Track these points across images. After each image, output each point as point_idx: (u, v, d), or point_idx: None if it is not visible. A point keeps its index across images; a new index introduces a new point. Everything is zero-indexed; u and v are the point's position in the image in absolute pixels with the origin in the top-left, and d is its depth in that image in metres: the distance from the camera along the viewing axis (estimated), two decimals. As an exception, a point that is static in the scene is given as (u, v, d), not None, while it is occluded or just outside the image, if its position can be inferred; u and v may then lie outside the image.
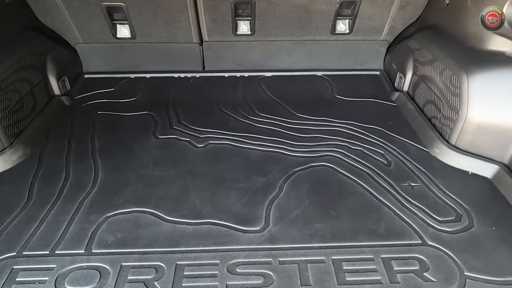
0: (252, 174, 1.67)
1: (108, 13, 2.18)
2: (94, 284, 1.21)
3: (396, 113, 2.11)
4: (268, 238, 1.37)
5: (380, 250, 1.33)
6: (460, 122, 1.70)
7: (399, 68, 2.28)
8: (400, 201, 1.53)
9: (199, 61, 2.46)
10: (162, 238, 1.37)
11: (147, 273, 1.25)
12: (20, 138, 1.79)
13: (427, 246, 1.35)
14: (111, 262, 1.28)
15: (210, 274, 1.25)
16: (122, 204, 1.51)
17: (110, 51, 2.41)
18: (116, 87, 2.34)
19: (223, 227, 1.42)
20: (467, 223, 1.43)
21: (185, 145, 1.86)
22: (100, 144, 1.86)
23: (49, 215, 1.46)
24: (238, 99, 2.23)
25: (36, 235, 1.37)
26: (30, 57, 1.99)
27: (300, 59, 2.47)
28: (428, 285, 1.22)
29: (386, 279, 1.23)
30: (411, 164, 1.73)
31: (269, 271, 1.26)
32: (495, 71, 1.62)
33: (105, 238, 1.37)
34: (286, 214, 1.47)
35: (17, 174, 1.66)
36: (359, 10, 2.22)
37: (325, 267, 1.27)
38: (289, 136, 1.91)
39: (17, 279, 1.22)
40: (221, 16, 2.25)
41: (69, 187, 1.59)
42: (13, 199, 1.52)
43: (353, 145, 1.85)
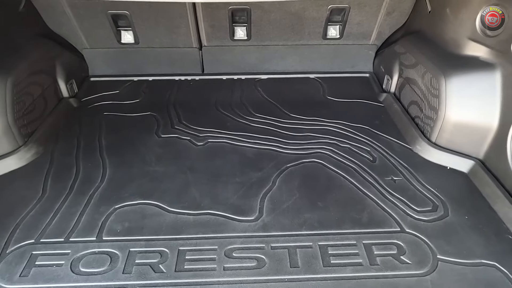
0: (248, 169, 1.81)
1: (113, 20, 2.32)
2: (105, 267, 1.35)
3: (383, 113, 2.25)
4: (261, 227, 1.52)
5: (362, 236, 1.47)
6: (439, 121, 1.84)
7: (387, 71, 2.43)
8: (382, 194, 1.67)
9: (198, 64, 2.60)
10: (166, 227, 1.51)
11: (153, 257, 1.39)
12: (33, 137, 1.92)
13: (405, 233, 1.49)
14: (120, 248, 1.42)
15: (209, 258, 1.39)
16: (128, 197, 1.65)
17: (115, 56, 2.54)
18: (121, 89, 2.47)
19: (221, 217, 1.56)
20: (442, 213, 1.58)
21: (186, 143, 2.00)
22: (106, 142, 1.99)
23: (62, 207, 1.59)
24: (235, 100, 2.37)
25: (52, 224, 1.51)
26: (41, 62, 2.13)
27: (293, 63, 2.62)
28: (403, 266, 1.36)
29: (366, 261, 1.37)
30: (394, 160, 1.87)
31: (262, 255, 1.40)
32: (470, 75, 1.76)
33: (114, 227, 1.51)
34: (278, 206, 1.61)
35: (32, 170, 1.79)
36: (348, 17, 2.37)
37: (312, 251, 1.41)
38: (283, 135, 2.05)
39: (36, 263, 1.36)
40: (219, 23, 2.39)
41: (80, 182, 1.73)
42: (29, 193, 1.66)
43: (341, 143, 1.99)
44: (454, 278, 1.32)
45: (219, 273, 1.33)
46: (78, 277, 1.32)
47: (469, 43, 1.81)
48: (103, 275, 1.32)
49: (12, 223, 1.51)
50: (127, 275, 1.32)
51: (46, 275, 1.32)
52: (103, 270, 1.34)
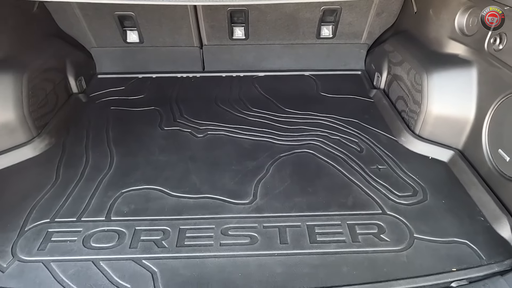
0: (244, 159, 1.95)
1: (120, 21, 2.48)
2: (114, 242, 1.50)
3: (373, 108, 2.39)
4: (255, 209, 1.66)
5: (346, 218, 1.61)
6: (422, 114, 1.98)
7: (377, 68, 2.57)
8: (367, 180, 1.81)
9: (199, 62, 2.75)
10: (168, 209, 1.66)
11: (156, 235, 1.54)
12: (46, 129, 2.07)
13: (386, 215, 1.62)
14: (126, 226, 1.57)
15: (207, 235, 1.53)
16: (134, 183, 1.80)
17: (121, 54, 2.70)
18: (126, 86, 2.63)
19: (218, 200, 1.70)
20: (421, 197, 1.71)
21: (187, 135, 2.14)
22: (113, 134, 2.14)
23: (74, 191, 1.74)
24: (234, 96, 2.52)
25: (65, 206, 1.66)
26: (53, 60, 2.29)
27: (289, 61, 2.76)
28: (383, 243, 1.50)
29: (349, 239, 1.51)
30: (380, 151, 2.01)
31: (254, 234, 1.54)
32: (450, 71, 1.90)
33: (121, 208, 1.66)
34: (271, 191, 1.75)
35: (45, 159, 1.95)
36: (340, 17, 2.51)
37: (300, 230, 1.56)
38: (277, 127, 2.19)
39: (52, 239, 1.51)
40: (219, 23, 2.54)
41: (89, 170, 1.88)
42: (43, 179, 1.81)
43: (332, 135, 2.13)
44: (428, 253, 1.46)
45: (216, 248, 1.48)
46: (90, 251, 1.47)
47: (449, 41, 1.95)
48: (112, 249, 1.47)
49: (29, 205, 1.66)
50: (133, 249, 1.47)
51: (61, 249, 1.47)
52: (111, 245, 1.49)
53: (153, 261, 1.43)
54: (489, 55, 1.69)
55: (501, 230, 1.52)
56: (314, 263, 1.42)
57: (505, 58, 1.59)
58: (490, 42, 1.66)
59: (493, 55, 1.67)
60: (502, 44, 1.60)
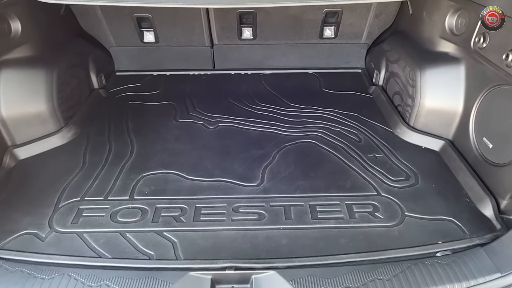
0: (252, 148, 2.13)
1: (138, 22, 2.69)
2: (138, 218, 1.69)
3: (371, 103, 2.57)
4: (262, 191, 1.84)
5: (345, 198, 1.78)
6: (416, 107, 2.15)
7: (376, 66, 2.75)
8: (364, 167, 1.98)
9: (210, 61, 2.95)
10: (184, 190, 1.85)
11: (175, 211, 1.72)
12: (72, 120, 2.27)
13: (381, 196, 1.79)
14: (148, 204, 1.76)
15: (220, 212, 1.72)
16: (153, 167, 1.99)
17: (137, 53, 2.90)
18: (142, 82, 2.82)
19: (229, 183, 1.88)
20: (413, 182, 1.88)
21: (200, 127, 2.33)
22: (132, 126, 2.33)
23: (100, 174, 1.94)
24: (242, 92, 2.70)
25: (93, 187, 1.86)
26: (77, 58, 2.51)
27: (293, 59, 2.94)
28: (377, 220, 1.67)
29: (347, 216, 1.69)
30: (377, 141, 2.18)
31: (262, 211, 1.73)
32: (441, 68, 2.07)
33: (142, 190, 1.85)
34: (276, 175, 1.93)
35: (72, 147, 2.15)
36: (341, 19, 2.69)
37: (303, 208, 1.74)
38: (282, 120, 2.37)
39: (83, 214, 1.71)
40: (228, 24, 2.74)
41: (113, 156, 2.07)
42: (72, 164, 2.01)
43: (333, 127, 2.30)
44: (417, 229, 1.63)
45: (228, 223, 1.67)
46: (117, 225, 1.66)
47: (440, 41, 2.13)
48: (136, 223, 1.67)
49: (61, 186, 1.86)
50: (155, 223, 1.67)
51: (91, 223, 1.67)
52: (136, 220, 1.68)
53: (173, 233, 1.62)
54: (475, 52, 1.87)
55: (484, 209, 1.69)
56: (315, 235, 1.60)
57: (487, 55, 1.77)
58: (475, 40, 1.84)
59: (478, 52, 1.84)
60: (485, 42, 1.78)
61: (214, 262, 1.46)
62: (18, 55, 2.06)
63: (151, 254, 1.52)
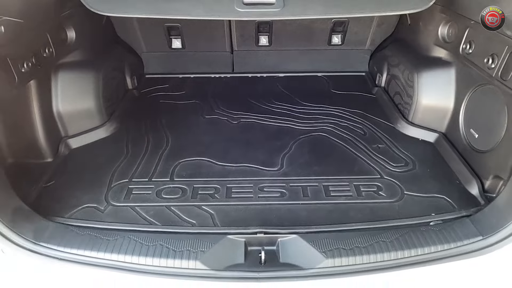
0: (271, 139, 2.45)
1: (168, 31, 3.04)
2: (179, 195, 2.01)
3: (375, 102, 2.89)
4: (282, 174, 2.15)
5: (353, 180, 2.09)
6: (413, 105, 2.47)
7: (378, 70, 3.07)
8: (369, 155, 2.29)
9: (230, 65, 3.28)
10: (216, 173, 2.16)
11: (210, 190, 2.03)
12: (113, 116, 2.59)
13: (383, 179, 2.10)
14: (187, 184, 2.07)
15: (247, 191, 2.02)
16: (187, 155, 2.29)
17: (165, 58, 3.25)
18: (170, 84, 3.15)
19: (254, 168, 2.20)
20: (411, 167, 2.19)
21: (224, 122, 2.65)
22: (165, 121, 2.64)
23: (142, 161, 2.25)
24: (260, 92, 3.01)
25: (138, 171, 2.17)
26: (116, 62, 2.85)
27: (305, 64, 3.27)
28: (380, 197, 1.98)
29: (355, 194, 2.00)
30: (380, 134, 2.49)
31: (283, 190, 2.03)
32: (435, 70, 2.39)
33: (180, 173, 2.16)
34: (294, 162, 2.24)
35: (116, 138, 2.47)
36: (348, 28, 3.04)
37: (318, 188, 2.04)
38: (297, 116, 2.68)
39: (133, 192, 2.03)
40: (247, 33, 3.08)
41: (151, 146, 2.39)
42: (117, 153, 2.32)
43: (341, 122, 2.61)
44: (414, 204, 1.93)
45: (255, 199, 1.98)
46: (162, 200, 1.98)
47: (434, 47, 2.46)
48: (178, 199, 1.98)
49: (110, 170, 2.18)
50: (194, 199, 1.98)
51: (141, 198, 1.99)
52: (177, 196, 2.00)
53: (210, 207, 1.93)
54: (463, 57, 2.19)
55: (471, 189, 1.99)
56: (329, 209, 1.92)
57: (473, 59, 2.09)
58: (463, 47, 2.16)
59: (465, 57, 2.16)
60: (471, 48, 2.10)
61: (246, 228, 1.76)
62: (71, 59, 2.40)
63: (194, 222, 1.84)
